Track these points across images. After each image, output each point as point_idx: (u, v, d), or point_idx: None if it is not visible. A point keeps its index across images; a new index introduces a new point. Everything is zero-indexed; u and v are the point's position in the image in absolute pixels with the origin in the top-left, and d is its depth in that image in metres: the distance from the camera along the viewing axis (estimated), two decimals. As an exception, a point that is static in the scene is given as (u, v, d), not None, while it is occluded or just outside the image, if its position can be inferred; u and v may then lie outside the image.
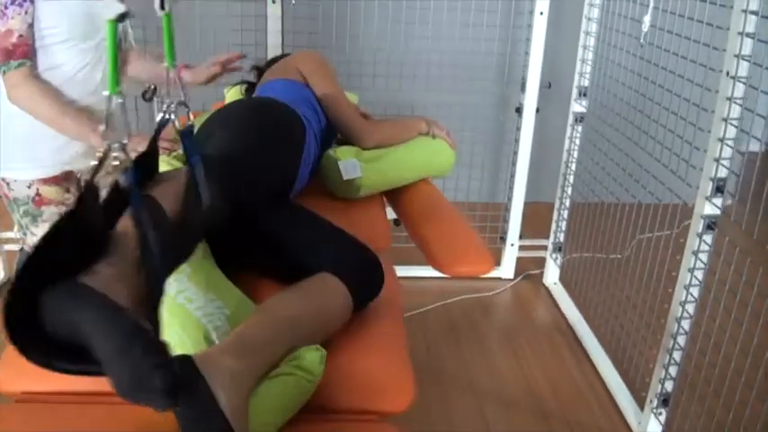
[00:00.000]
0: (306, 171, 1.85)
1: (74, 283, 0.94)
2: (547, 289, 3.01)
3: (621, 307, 2.55)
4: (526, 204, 3.02)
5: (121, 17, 0.93)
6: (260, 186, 1.58)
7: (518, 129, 2.86)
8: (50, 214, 1.92)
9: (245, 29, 2.82)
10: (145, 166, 1.21)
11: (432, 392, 2.36)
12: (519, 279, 3.09)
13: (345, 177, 1.91)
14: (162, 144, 1.77)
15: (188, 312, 1.26)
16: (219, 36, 2.83)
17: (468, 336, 2.70)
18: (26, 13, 1.67)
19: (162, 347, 0.94)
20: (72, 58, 1.78)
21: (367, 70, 2.90)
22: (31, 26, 1.70)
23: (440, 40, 2.87)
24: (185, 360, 1.13)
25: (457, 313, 2.85)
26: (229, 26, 2.80)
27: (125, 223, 1.09)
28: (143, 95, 2.80)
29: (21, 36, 1.68)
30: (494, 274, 3.09)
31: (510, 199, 2.99)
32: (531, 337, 2.68)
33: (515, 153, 2.90)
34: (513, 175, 2.95)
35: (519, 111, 2.83)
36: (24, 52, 1.70)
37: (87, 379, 1.29)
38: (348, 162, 1.92)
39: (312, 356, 1.23)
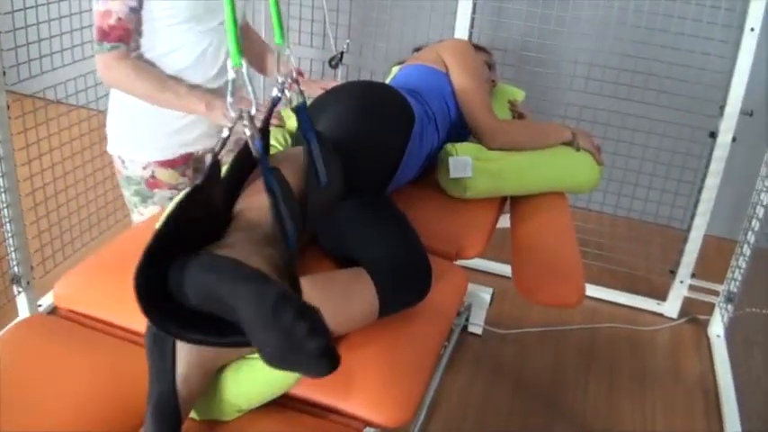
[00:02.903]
0: (414, 164, 1.79)
1: (208, 254, 0.93)
2: (708, 340, 2.66)
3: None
4: (706, 238, 2.67)
5: None
6: (360, 171, 1.55)
7: (710, 155, 2.53)
8: (161, 197, 1.90)
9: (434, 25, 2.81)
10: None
11: (534, 418, 2.22)
12: (682, 321, 2.76)
13: (452, 175, 1.83)
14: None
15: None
16: (406, 36, 2.82)
17: (601, 366, 2.49)
18: None
19: (315, 313, 0.86)
20: (190, 40, 1.72)
21: (550, 68, 2.73)
22: (134, 10, 1.63)
23: (633, 45, 2.60)
24: None
25: (601, 340, 2.63)
26: (417, 21, 2.79)
27: (249, 199, 1.12)
28: (330, 61, 2.92)
29: (120, 19, 1.62)
30: (656, 309, 2.80)
31: (689, 230, 2.67)
32: (669, 387, 2.40)
33: (702, 181, 2.57)
34: (696, 205, 2.62)
35: (713, 136, 2.49)
36: (120, 36, 1.63)
37: (134, 317, 1.39)
38: (459, 159, 1.83)
39: (298, 348, 1.21)
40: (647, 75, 2.63)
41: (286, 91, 1.19)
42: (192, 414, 1.19)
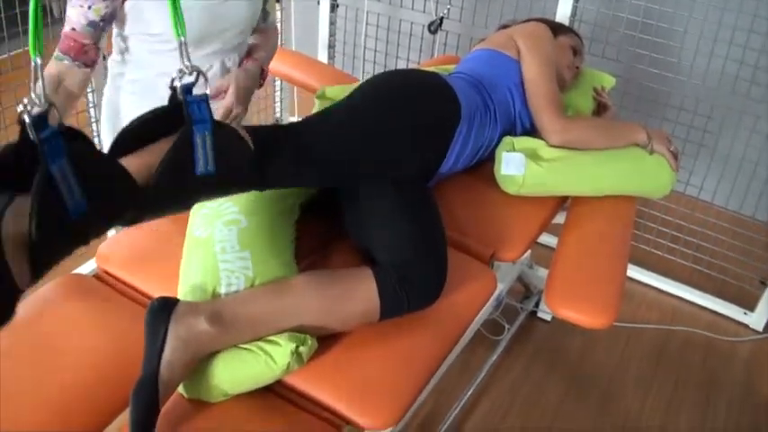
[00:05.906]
0: (464, 156, 1.74)
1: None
2: (794, 360, 2.47)
3: None
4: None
5: None
6: (390, 159, 1.53)
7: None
8: None
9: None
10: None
11: (581, 421, 2.16)
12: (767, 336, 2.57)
13: (504, 171, 1.76)
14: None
15: (215, 262, 1.35)
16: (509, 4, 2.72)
17: (668, 373, 2.37)
18: (89, 8, 1.45)
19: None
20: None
21: (659, 52, 2.53)
22: (93, 25, 1.47)
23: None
24: (169, 302, 1.25)
25: (675, 344, 2.51)
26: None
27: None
28: (429, 27, 2.87)
29: (73, 29, 1.46)
30: (742, 318, 2.61)
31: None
32: (736, 405, 2.26)
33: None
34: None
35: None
36: (68, 48, 1.46)
37: (160, 287, 1.44)
38: (512, 155, 1.76)
39: (286, 345, 1.25)
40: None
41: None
42: (181, 390, 1.27)
